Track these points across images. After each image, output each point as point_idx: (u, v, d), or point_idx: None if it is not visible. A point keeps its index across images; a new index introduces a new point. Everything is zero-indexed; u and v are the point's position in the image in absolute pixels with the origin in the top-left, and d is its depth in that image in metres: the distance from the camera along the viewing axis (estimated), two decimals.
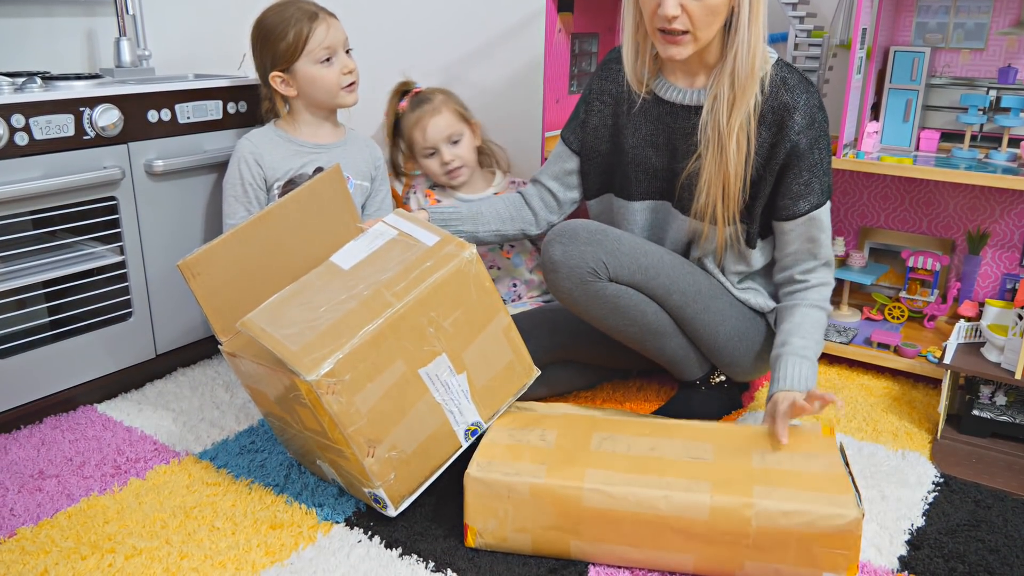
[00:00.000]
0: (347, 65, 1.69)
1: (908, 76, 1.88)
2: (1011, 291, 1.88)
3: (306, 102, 1.72)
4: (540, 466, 1.21)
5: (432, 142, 1.83)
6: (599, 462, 1.22)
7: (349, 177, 1.78)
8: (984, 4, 1.84)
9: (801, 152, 1.43)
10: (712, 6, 1.36)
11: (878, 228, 2.04)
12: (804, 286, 1.51)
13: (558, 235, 1.45)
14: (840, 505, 1.12)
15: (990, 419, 1.54)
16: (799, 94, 1.42)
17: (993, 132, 1.85)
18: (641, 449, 1.26)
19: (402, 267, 1.28)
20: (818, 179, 1.46)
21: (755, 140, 1.44)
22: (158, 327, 1.78)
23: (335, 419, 1.18)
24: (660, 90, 1.52)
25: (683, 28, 1.38)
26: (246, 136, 1.72)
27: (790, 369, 1.39)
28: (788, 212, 1.47)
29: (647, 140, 1.55)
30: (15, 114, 1.48)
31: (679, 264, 1.51)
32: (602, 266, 1.42)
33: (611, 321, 1.48)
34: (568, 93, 2.15)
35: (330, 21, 1.68)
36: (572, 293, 1.45)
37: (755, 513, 1.13)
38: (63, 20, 1.99)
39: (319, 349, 1.17)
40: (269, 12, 1.69)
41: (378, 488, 1.24)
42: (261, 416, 1.64)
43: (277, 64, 1.68)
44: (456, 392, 1.30)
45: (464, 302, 1.29)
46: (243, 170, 1.68)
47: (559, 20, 2.04)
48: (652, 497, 1.16)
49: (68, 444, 1.54)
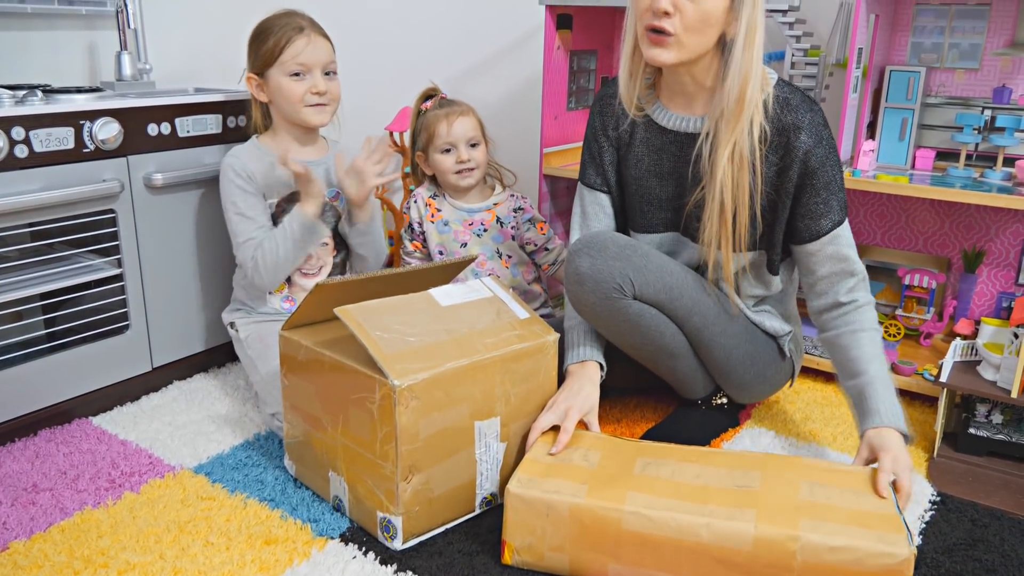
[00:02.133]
0: (317, 85, 1.68)
1: (904, 95, 1.89)
2: (1007, 309, 1.89)
3: (278, 114, 1.74)
4: (581, 486, 1.19)
5: (454, 138, 1.85)
6: (642, 486, 1.19)
7: (338, 193, 1.78)
8: (979, 25, 1.85)
9: (813, 171, 1.41)
10: (706, 12, 1.33)
11: (874, 246, 2.04)
12: (855, 307, 1.46)
13: (586, 246, 1.43)
14: (891, 543, 1.08)
15: (986, 437, 1.54)
16: (803, 113, 1.40)
17: (988, 151, 1.86)
18: (686, 476, 1.23)
19: (493, 324, 1.36)
20: (835, 196, 1.43)
21: (762, 165, 1.41)
22: (155, 340, 1.78)
23: (398, 432, 1.19)
24: (658, 117, 1.50)
25: (672, 29, 1.34)
26: (230, 153, 1.72)
27: (880, 400, 1.36)
28: (810, 233, 1.44)
29: (650, 171, 1.53)
30: (15, 126, 1.48)
31: (700, 286, 1.49)
32: (628, 283, 1.41)
33: (628, 338, 1.47)
34: (567, 110, 2.17)
35: (315, 39, 1.68)
36: (595, 307, 1.43)
37: (800, 546, 1.09)
38: (65, 34, 2.00)
39: (410, 362, 1.22)
40: (268, 17, 1.71)
41: (397, 516, 1.24)
42: (257, 430, 1.64)
43: (254, 67, 1.70)
44: (493, 457, 1.33)
45: (532, 379, 1.36)
46: (240, 183, 1.68)
47: (558, 37, 2.06)
48: (694, 524, 1.12)
49: (63, 457, 1.53)
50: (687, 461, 1.27)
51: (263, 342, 1.68)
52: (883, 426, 1.34)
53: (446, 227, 1.91)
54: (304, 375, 1.37)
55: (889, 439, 1.31)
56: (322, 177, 1.75)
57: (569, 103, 2.18)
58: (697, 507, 1.14)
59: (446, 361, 1.24)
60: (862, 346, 1.43)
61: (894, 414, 1.35)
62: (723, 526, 1.11)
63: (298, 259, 1.70)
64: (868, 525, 1.11)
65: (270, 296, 1.76)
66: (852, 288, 1.47)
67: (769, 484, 1.20)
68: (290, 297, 1.77)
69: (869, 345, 1.43)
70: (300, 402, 1.40)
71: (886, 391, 1.38)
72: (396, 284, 1.44)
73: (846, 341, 1.45)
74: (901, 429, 1.34)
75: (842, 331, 1.47)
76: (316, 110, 1.71)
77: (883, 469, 1.24)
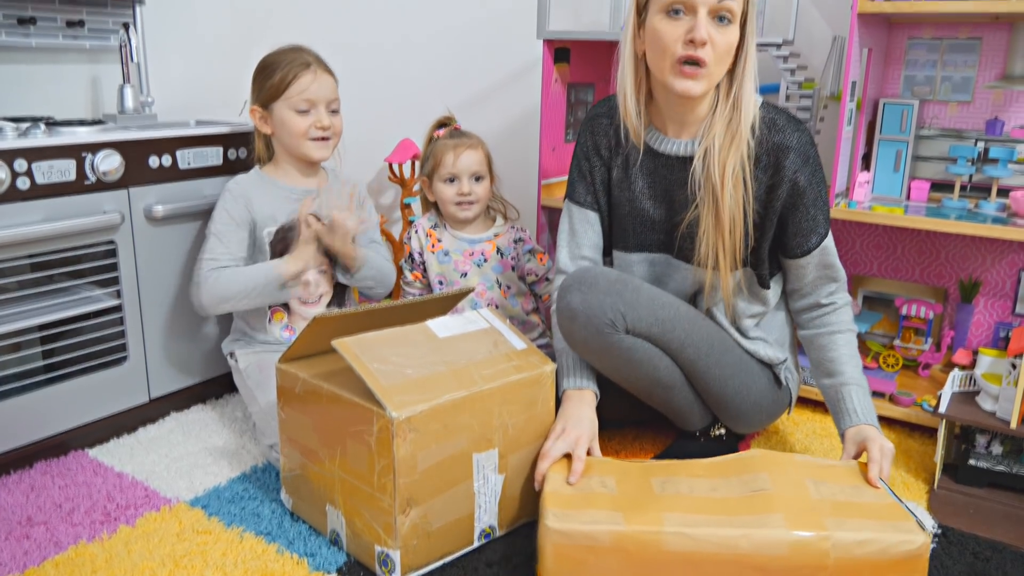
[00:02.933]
0: (320, 121, 1.71)
1: (898, 127, 1.91)
2: (1004, 339, 1.89)
3: (280, 146, 1.76)
4: (616, 513, 1.20)
5: (459, 169, 1.86)
6: (670, 505, 1.22)
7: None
8: (970, 58, 1.88)
9: (802, 189, 1.46)
10: (731, 43, 1.38)
11: (871, 276, 2.05)
12: (832, 308, 1.55)
13: (577, 282, 1.44)
14: (907, 531, 1.16)
15: (987, 469, 1.53)
16: (790, 133, 1.44)
17: (982, 183, 1.88)
18: (703, 489, 1.26)
19: (491, 356, 1.36)
20: (821, 211, 1.49)
21: (752, 184, 1.45)
22: (152, 371, 1.78)
23: (396, 464, 1.19)
24: (652, 142, 1.53)
25: (707, 59, 1.36)
26: (233, 180, 1.74)
27: (856, 401, 1.47)
28: (801, 249, 1.50)
29: (644, 193, 1.55)
30: (18, 159, 1.49)
31: (693, 316, 1.50)
32: (620, 317, 1.42)
33: (623, 372, 1.48)
34: (564, 141, 2.18)
35: (320, 76, 1.71)
36: (588, 342, 1.44)
37: (832, 545, 1.14)
38: (69, 67, 2.02)
39: (408, 394, 1.22)
40: (272, 53, 1.74)
41: (395, 550, 1.23)
42: (254, 462, 1.63)
43: (258, 100, 1.73)
44: (491, 489, 1.33)
45: (530, 410, 1.36)
46: (231, 209, 1.70)
47: (556, 71, 2.08)
48: (732, 536, 1.16)
49: (58, 490, 1.52)
50: (696, 475, 1.31)
51: (263, 372, 1.68)
52: (860, 424, 1.44)
53: (446, 257, 1.92)
54: (301, 407, 1.37)
55: (869, 432, 1.41)
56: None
57: (567, 135, 2.20)
58: (729, 519, 1.18)
59: (444, 393, 1.24)
60: (839, 347, 1.53)
61: (868, 413, 1.47)
62: (759, 534, 1.15)
63: (248, 303, 1.69)
64: (880, 516, 1.19)
65: (270, 325, 1.76)
66: (833, 292, 1.56)
67: (779, 484, 1.25)
68: (290, 326, 1.78)
69: (845, 346, 1.53)
70: (297, 435, 1.39)
71: (861, 392, 1.49)
72: (394, 316, 1.44)
73: (824, 342, 1.55)
74: (874, 425, 1.44)
75: (821, 331, 1.56)
76: (318, 144, 1.73)
77: (873, 459, 1.33)
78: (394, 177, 2.49)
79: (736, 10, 1.36)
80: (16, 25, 1.88)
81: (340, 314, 1.36)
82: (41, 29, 1.92)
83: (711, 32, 1.35)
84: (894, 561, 1.14)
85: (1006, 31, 1.83)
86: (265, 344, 1.76)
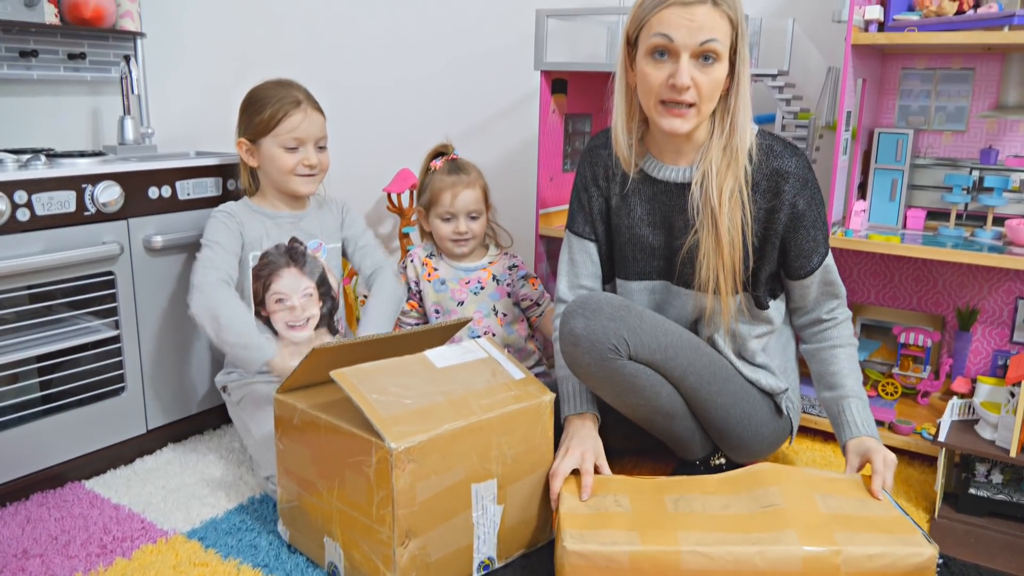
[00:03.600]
0: (308, 159, 1.72)
1: (893, 157, 1.93)
2: (1003, 367, 1.89)
3: (266, 178, 1.77)
4: (631, 532, 1.22)
5: (456, 209, 1.88)
6: (685, 523, 1.24)
7: (321, 244, 1.81)
8: (963, 88, 1.90)
9: (802, 213, 1.48)
10: (717, 80, 1.41)
11: (869, 304, 2.05)
12: (834, 323, 1.59)
13: (580, 307, 1.44)
14: (914, 544, 1.19)
15: (987, 498, 1.53)
16: (788, 159, 1.47)
17: (977, 211, 1.89)
18: (715, 507, 1.29)
19: (489, 385, 1.36)
20: (821, 232, 1.52)
21: (751, 207, 1.47)
22: (150, 402, 1.77)
23: (395, 495, 1.18)
24: (650, 169, 1.55)
25: (691, 100, 1.40)
26: (223, 206, 1.74)
27: (857, 414, 1.50)
28: (804, 269, 1.52)
29: (643, 220, 1.57)
30: (18, 190, 1.50)
31: (696, 344, 1.51)
32: (623, 343, 1.42)
33: (625, 398, 1.48)
34: (562, 171, 2.20)
35: (310, 114, 1.72)
36: (591, 368, 1.44)
37: (843, 559, 1.17)
38: (70, 99, 2.04)
39: (407, 424, 1.22)
40: (261, 86, 1.75)
41: None
42: (251, 494, 1.62)
43: (246, 133, 1.73)
44: (490, 520, 1.33)
45: (529, 440, 1.36)
46: (227, 222, 1.70)
47: (553, 101, 2.10)
48: (748, 554, 1.18)
49: (54, 522, 1.51)
50: (708, 492, 1.34)
51: (256, 405, 1.67)
52: (862, 435, 1.48)
53: (443, 286, 1.93)
54: (299, 438, 1.36)
55: (871, 444, 1.45)
56: (313, 225, 1.80)
57: (564, 165, 2.21)
58: (743, 536, 1.21)
59: (443, 423, 1.24)
60: (839, 361, 1.57)
61: (869, 425, 1.50)
62: (774, 551, 1.18)
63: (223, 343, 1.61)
64: (887, 530, 1.22)
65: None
66: (834, 308, 1.60)
67: (789, 499, 1.28)
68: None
69: (846, 360, 1.57)
70: (295, 466, 1.39)
71: (861, 405, 1.52)
72: (392, 347, 1.44)
73: (825, 355, 1.58)
74: (876, 437, 1.48)
75: (822, 345, 1.59)
76: (305, 180, 1.74)
77: (876, 471, 1.37)
78: (393, 207, 2.50)
79: (720, 49, 1.38)
80: (18, 58, 1.90)
81: (338, 345, 1.36)
82: (43, 62, 1.94)
83: (694, 74, 1.38)
84: (903, 574, 1.17)
85: (998, 61, 1.85)
86: (258, 376, 1.75)
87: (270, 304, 1.74)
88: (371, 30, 2.51)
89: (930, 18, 1.72)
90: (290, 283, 1.76)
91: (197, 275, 1.64)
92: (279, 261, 1.75)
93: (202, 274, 1.63)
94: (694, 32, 1.36)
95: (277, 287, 1.75)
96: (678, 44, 1.37)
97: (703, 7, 1.36)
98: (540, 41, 2.01)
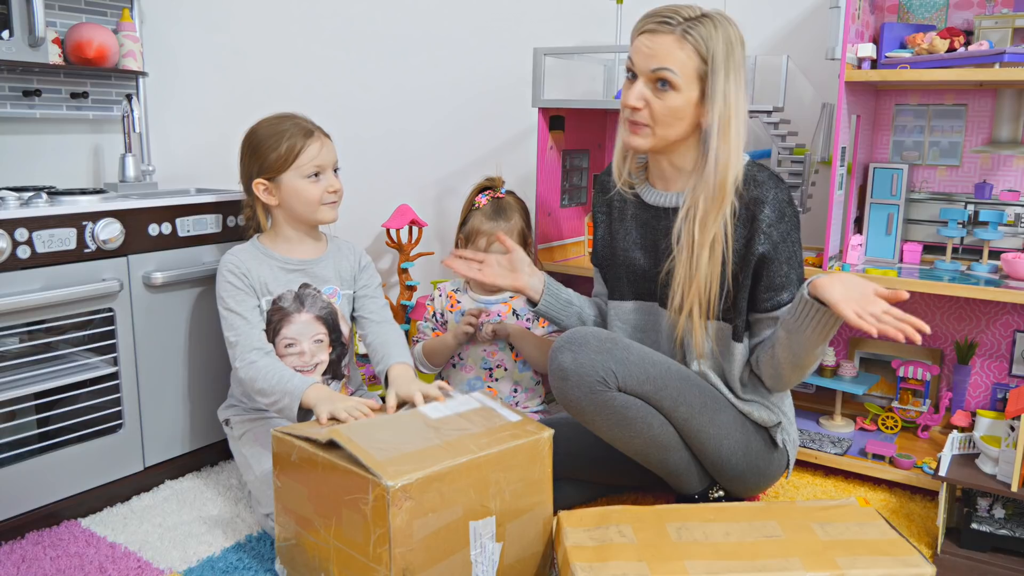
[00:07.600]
0: (332, 184, 1.73)
1: (888, 191, 1.94)
2: (1002, 400, 1.89)
3: (286, 215, 1.74)
4: (639, 563, 1.23)
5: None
6: (691, 553, 1.26)
7: (336, 290, 1.80)
8: (956, 124, 1.92)
9: (775, 244, 1.49)
10: (674, 108, 1.46)
11: (867, 338, 2.06)
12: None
13: (567, 342, 1.46)
14: (914, 565, 1.22)
15: (990, 533, 1.51)
16: (768, 189, 1.49)
17: (973, 245, 1.90)
18: (718, 535, 1.31)
19: (486, 429, 1.37)
20: (795, 271, 1.52)
21: (733, 239, 1.49)
22: (148, 439, 1.76)
23: (392, 533, 1.18)
24: (644, 195, 1.61)
25: (644, 120, 1.48)
26: (229, 252, 1.73)
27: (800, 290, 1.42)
28: (771, 304, 1.52)
29: (635, 243, 1.62)
30: (19, 228, 1.51)
31: (685, 376, 1.51)
32: (611, 375, 1.42)
33: (617, 432, 1.48)
34: (560, 207, 2.21)
35: (324, 141, 1.73)
36: (580, 402, 1.44)
37: None
38: (72, 137, 2.06)
39: (403, 464, 1.23)
40: (264, 123, 1.73)
41: None
42: (249, 532, 1.61)
43: (264, 172, 1.70)
44: (488, 558, 1.32)
45: (528, 476, 1.35)
46: (229, 279, 1.68)
47: (551, 138, 2.12)
48: None
49: (49, 562, 1.50)
50: (707, 520, 1.36)
51: (258, 441, 1.67)
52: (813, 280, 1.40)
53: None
54: (297, 476, 1.36)
55: (817, 280, 1.39)
56: (328, 271, 1.79)
57: (562, 200, 2.23)
58: (749, 564, 1.23)
59: (439, 462, 1.24)
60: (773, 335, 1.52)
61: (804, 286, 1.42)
62: None
63: (261, 399, 1.65)
64: (887, 552, 1.25)
65: None
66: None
67: (789, 530, 1.31)
68: None
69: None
70: (292, 504, 1.38)
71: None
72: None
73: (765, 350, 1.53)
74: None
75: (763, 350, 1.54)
76: (331, 207, 1.75)
77: (870, 298, 1.34)
78: (391, 242, 2.51)
79: (673, 78, 1.44)
80: (22, 97, 1.92)
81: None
82: (46, 101, 1.96)
83: (647, 96, 1.47)
84: None
85: (990, 97, 1.88)
86: (261, 411, 1.75)
87: (280, 348, 1.73)
88: (370, 66, 2.54)
89: (922, 55, 1.75)
90: (300, 328, 1.75)
91: (235, 355, 1.66)
92: (290, 307, 1.74)
93: (238, 357, 1.65)
94: (648, 59, 1.45)
95: (287, 332, 1.74)
96: (637, 68, 1.48)
97: (668, 37, 1.44)
98: (538, 79, 2.03)
